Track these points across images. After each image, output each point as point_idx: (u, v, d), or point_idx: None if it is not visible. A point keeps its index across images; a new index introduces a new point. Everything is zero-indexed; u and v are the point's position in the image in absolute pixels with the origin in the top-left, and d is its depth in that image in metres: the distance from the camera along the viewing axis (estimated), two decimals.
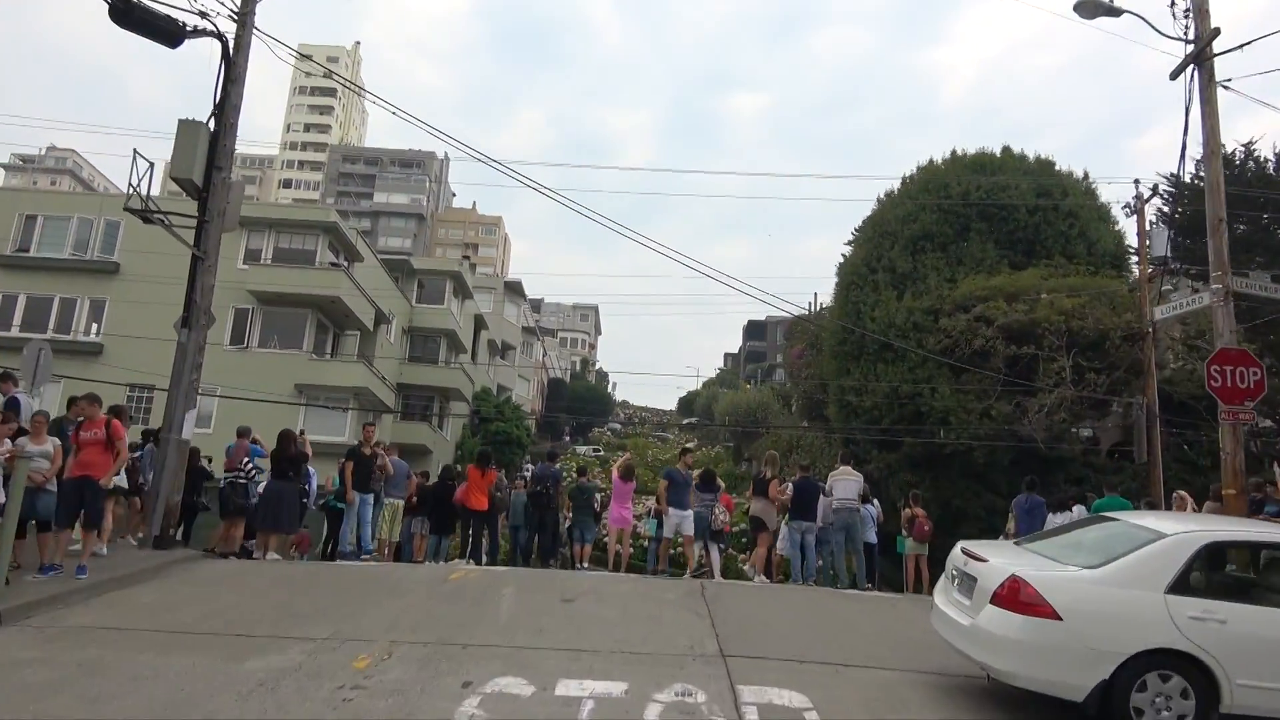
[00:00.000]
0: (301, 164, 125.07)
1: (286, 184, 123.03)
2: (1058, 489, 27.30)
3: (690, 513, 12.76)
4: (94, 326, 30.13)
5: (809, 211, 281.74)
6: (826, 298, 64.21)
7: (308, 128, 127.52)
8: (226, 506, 11.93)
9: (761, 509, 13.06)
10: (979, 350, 25.48)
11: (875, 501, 15.07)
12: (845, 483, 12.88)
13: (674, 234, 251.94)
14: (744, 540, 27.17)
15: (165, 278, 29.40)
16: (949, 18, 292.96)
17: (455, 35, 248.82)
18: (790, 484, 13.74)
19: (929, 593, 14.77)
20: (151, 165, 11.33)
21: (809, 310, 63.57)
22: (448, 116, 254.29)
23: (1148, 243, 25.04)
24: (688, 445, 15.73)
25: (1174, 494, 13.35)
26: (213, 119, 11.54)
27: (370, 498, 13.29)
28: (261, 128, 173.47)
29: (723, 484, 15.08)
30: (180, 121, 11.14)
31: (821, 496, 13.03)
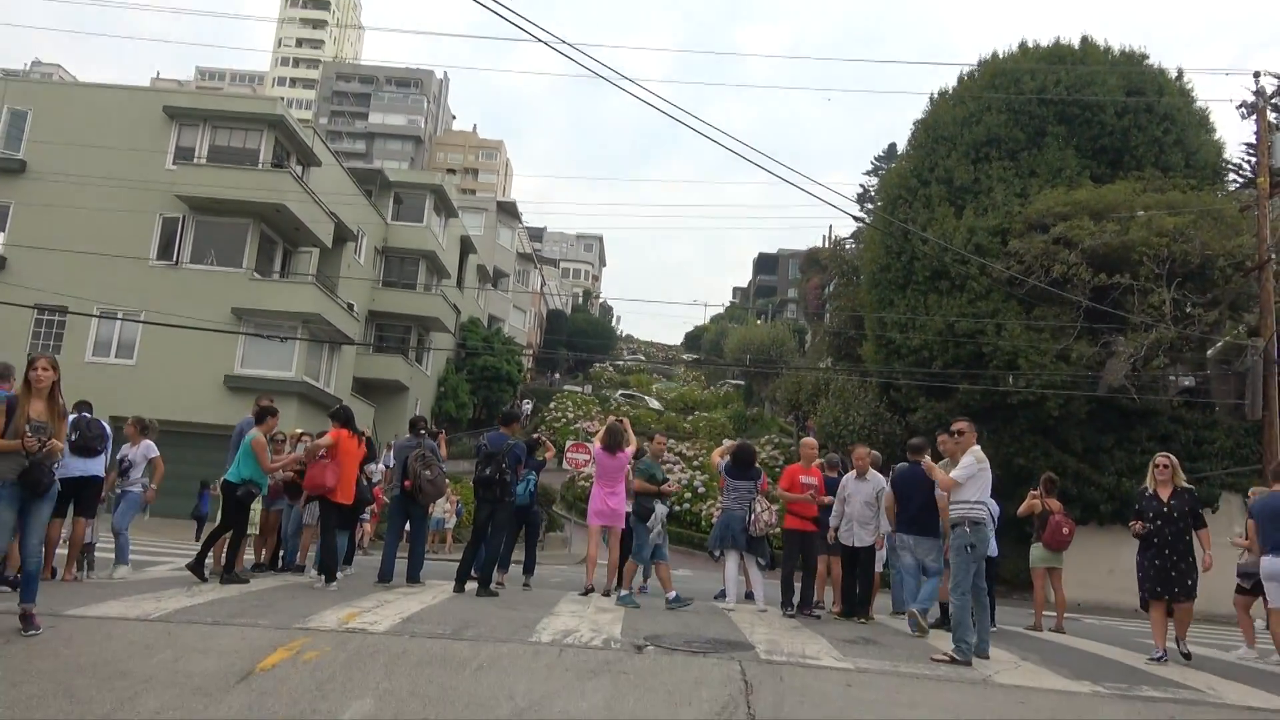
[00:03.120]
0: (294, 81, 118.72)
1: None
2: (1139, 448, 22.92)
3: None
4: None
5: (823, 146, 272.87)
6: (841, 230, 59.29)
7: (300, 43, 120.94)
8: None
9: None
10: (1057, 279, 21.04)
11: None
12: (982, 478, 7.24)
13: (684, 170, 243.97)
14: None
15: (82, 176, 24.70)
16: None
17: None
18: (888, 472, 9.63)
19: (1059, 624, 9.93)
20: None
21: (824, 244, 58.63)
22: (451, 42, 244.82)
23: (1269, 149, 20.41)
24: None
25: (1153, 461, 8.51)
26: None
27: None
28: (251, 42, 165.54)
29: (761, 468, 10.12)
30: None
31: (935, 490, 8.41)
